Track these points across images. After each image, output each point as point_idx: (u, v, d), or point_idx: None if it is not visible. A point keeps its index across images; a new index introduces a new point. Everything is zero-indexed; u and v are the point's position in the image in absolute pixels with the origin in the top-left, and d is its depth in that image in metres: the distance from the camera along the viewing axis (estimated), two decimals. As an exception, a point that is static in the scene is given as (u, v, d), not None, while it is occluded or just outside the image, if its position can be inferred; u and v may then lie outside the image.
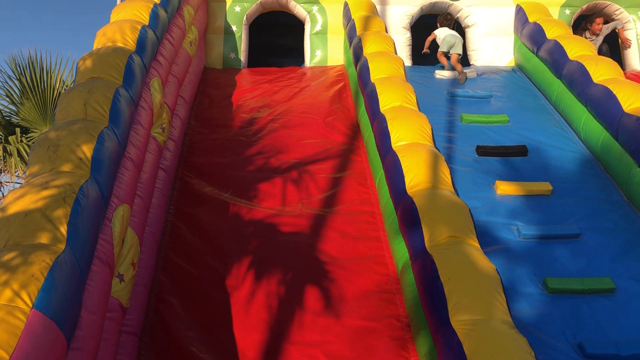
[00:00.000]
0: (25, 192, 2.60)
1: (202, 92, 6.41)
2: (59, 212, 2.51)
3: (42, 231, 2.41)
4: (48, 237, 2.40)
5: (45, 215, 2.48)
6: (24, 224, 2.44)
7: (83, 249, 2.57)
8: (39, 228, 2.42)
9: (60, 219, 2.49)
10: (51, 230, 2.43)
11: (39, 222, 2.45)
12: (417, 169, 4.06)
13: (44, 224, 2.45)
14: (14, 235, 2.40)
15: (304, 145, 5.39)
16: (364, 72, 5.54)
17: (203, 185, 4.92)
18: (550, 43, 6.21)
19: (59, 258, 2.32)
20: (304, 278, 3.92)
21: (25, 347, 1.91)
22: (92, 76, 3.77)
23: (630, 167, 4.76)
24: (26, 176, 2.91)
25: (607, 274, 4.06)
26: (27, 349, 1.91)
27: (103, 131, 3.22)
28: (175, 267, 4.06)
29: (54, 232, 2.44)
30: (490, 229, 4.44)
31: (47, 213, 2.49)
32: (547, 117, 5.91)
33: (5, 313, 1.96)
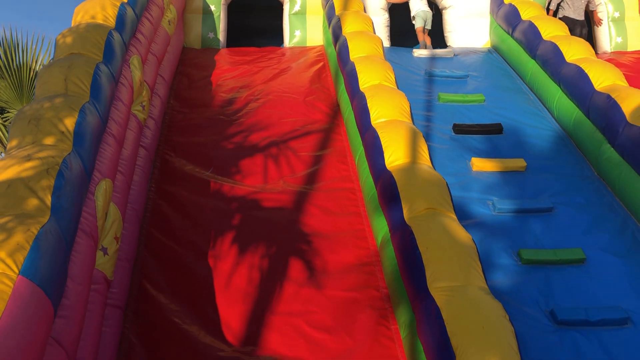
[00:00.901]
0: (8, 164, 2.61)
1: (181, 72, 6.39)
2: (43, 183, 2.54)
3: (26, 201, 2.44)
4: (32, 207, 2.43)
5: (28, 186, 2.50)
6: (7, 194, 2.46)
7: (67, 220, 2.60)
8: (23, 198, 2.45)
9: (44, 190, 2.52)
10: (35, 201, 2.46)
11: (23, 192, 2.47)
12: (396, 145, 4.15)
13: (28, 195, 2.47)
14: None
15: (284, 124, 5.44)
16: (344, 51, 5.59)
17: (184, 163, 4.94)
18: (524, 24, 6.33)
19: (44, 227, 2.35)
20: (286, 252, 3.99)
21: (13, 311, 1.95)
22: (71, 52, 3.76)
23: (600, 144, 4.92)
24: (7, 149, 2.92)
25: (578, 246, 4.21)
26: (15, 313, 1.95)
27: (84, 105, 3.23)
28: (158, 243, 4.10)
29: (38, 202, 2.46)
30: (466, 203, 4.55)
31: (30, 184, 2.51)
32: (521, 97, 6.04)
33: (-6, 278, 1.99)
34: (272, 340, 3.38)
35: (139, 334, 3.43)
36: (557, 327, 3.61)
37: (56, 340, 2.25)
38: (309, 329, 3.43)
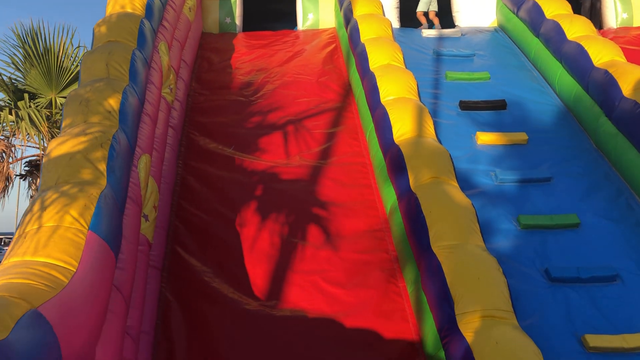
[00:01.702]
0: (66, 140, 3.03)
1: (201, 56, 6.76)
2: (98, 154, 2.95)
3: (86, 170, 2.85)
4: (91, 174, 2.85)
5: (86, 157, 2.92)
6: (69, 164, 2.88)
7: (119, 186, 3.02)
8: (83, 167, 2.86)
9: (99, 160, 2.93)
10: (93, 170, 2.87)
11: (82, 162, 2.89)
12: (403, 121, 4.51)
13: (87, 164, 2.88)
14: (62, 175, 2.84)
15: (299, 103, 5.80)
16: (354, 33, 5.92)
17: (208, 142, 5.34)
18: (529, 3, 6.60)
19: (103, 191, 2.77)
20: (304, 219, 4.40)
21: (88, 258, 2.38)
22: (109, 40, 4.16)
23: (598, 117, 5.23)
24: (62, 127, 3.33)
25: (573, 212, 4.56)
26: (89, 259, 2.38)
27: (125, 88, 3.63)
28: (188, 213, 4.52)
29: (95, 171, 2.88)
30: (471, 174, 4.92)
31: (88, 156, 2.93)
32: (525, 73, 6.35)
33: (71, 233, 2.41)
34: (293, 295, 3.80)
35: (174, 292, 3.86)
36: (551, 284, 3.99)
37: (116, 286, 2.68)
38: (326, 285, 3.84)
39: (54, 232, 2.43)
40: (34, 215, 2.50)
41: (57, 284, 2.14)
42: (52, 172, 2.86)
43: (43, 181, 2.90)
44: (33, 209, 2.55)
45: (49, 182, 2.85)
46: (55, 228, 2.46)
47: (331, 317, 3.66)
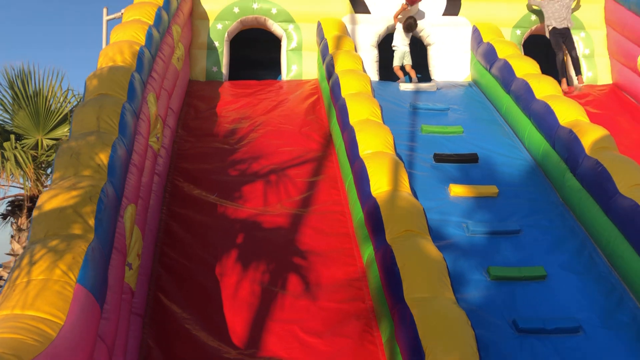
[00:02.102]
0: (57, 193, 3.18)
1: (188, 104, 6.99)
2: (87, 208, 3.10)
3: (75, 224, 3.00)
4: (80, 228, 2.99)
5: (76, 211, 3.07)
6: (59, 218, 3.03)
7: (106, 239, 3.16)
8: (72, 221, 3.01)
9: (88, 214, 3.08)
10: (82, 223, 3.02)
11: (72, 217, 3.03)
12: (380, 174, 4.74)
13: (76, 218, 3.03)
14: (52, 227, 2.98)
15: (282, 152, 6.02)
16: (336, 87, 6.21)
17: (192, 188, 5.51)
18: (500, 62, 6.98)
19: (91, 245, 2.91)
20: (284, 268, 4.55)
21: (75, 311, 2.50)
22: (100, 93, 4.35)
23: (564, 173, 5.53)
24: (53, 179, 3.48)
25: (540, 264, 4.79)
26: (76, 312, 2.51)
27: (115, 141, 3.80)
28: (170, 260, 4.65)
29: (84, 225, 3.02)
30: (443, 226, 5.14)
31: (77, 210, 3.08)
32: (497, 128, 6.67)
33: (59, 286, 2.55)
34: (271, 343, 3.92)
35: (155, 338, 3.96)
36: (518, 335, 4.17)
37: (100, 337, 2.80)
38: (303, 334, 3.97)
39: (43, 286, 2.57)
40: (23, 270, 2.63)
41: (45, 337, 2.27)
42: (41, 225, 3.01)
43: (33, 233, 3.03)
44: (22, 264, 2.68)
45: (38, 235, 2.99)
46: (44, 281, 2.59)
47: (308, 365, 3.79)
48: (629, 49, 7.83)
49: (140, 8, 5.93)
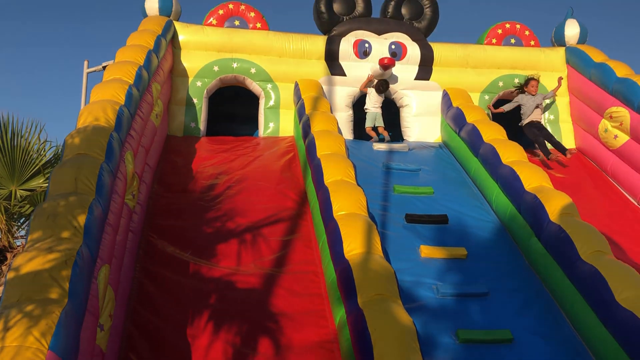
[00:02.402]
0: (34, 256, 3.21)
1: (164, 159, 7.06)
2: (63, 272, 3.13)
3: (51, 288, 3.02)
4: (55, 292, 3.01)
5: (51, 275, 3.09)
6: (34, 281, 3.05)
7: (80, 302, 3.18)
8: (48, 285, 3.03)
9: (63, 279, 3.11)
10: (57, 287, 3.04)
11: (47, 280, 3.06)
12: (353, 237, 4.86)
13: (51, 282, 3.05)
14: (26, 291, 3.00)
15: (257, 210, 6.11)
16: (312, 147, 6.39)
17: (166, 245, 5.53)
18: (469, 126, 7.29)
19: (64, 310, 2.93)
20: (256, 329, 4.57)
21: (47, 379, 2.52)
22: (79, 152, 4.42)
23: (530, 236, 5.73)
24: (29, 239, 3.50)
25: (507, 327, 4.90)
26: (48, 380, 2.52)
27: (92, 203, 3.86)
28: (143, 319, 4.63)
29: (59, 289, 3.05)
30: (414, 287, 5.24)
31: (53, 274, 3.10)
32: (466, 190, 6.89)
33: (31, 353, 2.56)
34: (242, 407, 3.91)
35: (126, 401, 3.92)
36: (486, 399, 4.24)
37: (70, 404, 2.79)
38: (275, 399, 3.97)
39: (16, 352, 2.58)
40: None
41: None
42: (16, 288, 3.02)
43: (5, 297, 3.04)
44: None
45: (11, 298, 3.00)
46: (17, 348, 2.61)
47: None
48: (589, 115, 8.27)
49: (122, 67, 6.08)
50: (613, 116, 7.72)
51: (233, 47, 8.02)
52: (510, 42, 8.93)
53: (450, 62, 8.49)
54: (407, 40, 8.42)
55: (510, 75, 8.67)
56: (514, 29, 8.98)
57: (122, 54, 6.55)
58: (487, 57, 8.62)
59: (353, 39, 8.28)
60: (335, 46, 8.20)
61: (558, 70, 8.80)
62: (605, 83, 7.93)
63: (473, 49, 8.62)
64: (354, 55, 8.24)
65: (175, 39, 7.98)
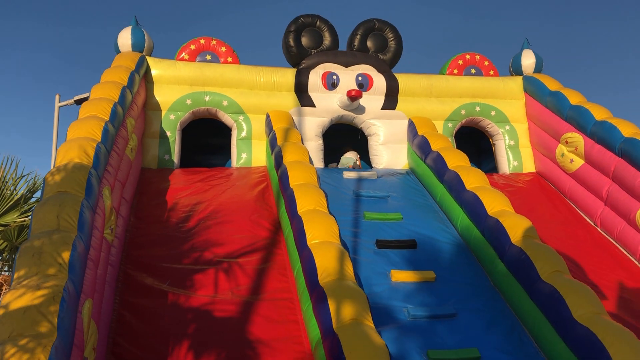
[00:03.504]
0: (23, 293, 3.34)
1: (140, 192, 7.19)
2: (51, 308, 3.27)
3: (41, 323, 3.16)
4: (45, 327, 3.15)
5: (40, 311, 3.23)
6: (24, 318, 3.18)
7: (67, 336, 3.31)
8: (38, 321, 3.17)
9: (52, 314, 3.25)
10: (46, 323, 3.18)
11: (37, 316, 3.19)
12: (327, 264, 5.08)
13: (41, 318, 3.19)
14: (17, 327, 3.13)
15: (232, 240, 6.28)
16: (284, 178, 6.62)
17: (144, 277, 5.65)
18: (434, 154, 7.64)
19: (54, 344, 3.07)
20: (235, 356, 4.73)
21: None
22: (59, 190, 4.56)
23: (493, 259, 6.04)
24: (15, 277, 3.62)
25: (475, 345, 5.16)
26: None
27: (75, 240, 4.00)
28: (123, 350, 4.75)
29: (48, 324, 3.18)
30: (387, 310, 5.47)
31: (42, 309, 3.24)
32: (433, 214, 7.20)
33: (26, 387, 2.70)
34: None
35: None
36: (456, 416, 4.47)
37: None
38: None
39: (11, 386, 2.70)
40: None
41: None
42: (6, 325, 3.15)
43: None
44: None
45: (3, 335, 3.12)
46: (12, 382, 2.73)
47: None
48: (547, 141, 8.73)
49: (97, 104, 6.25)
50: (568, 141, 8.19)
51: (205, 80, 8.26)
52: (471, 72, 9.39)
53: (414, 92, 8.89)
54: (373, 72, 8.79)
55: (472, 103, 9.11)
56: (474, 59, 9.45)
57: (97, 91, 6.71)
58: (449, 86, 9.04)
59: (321, 72, 8.60)
60: (304, 78, 8.51)
61: (516, 97, 9.29)
62: (560, 110, 8.42)
63: (436, 79, 9.05)
64: (322, 87, 8.57)
65: (148, 74, 8.18)
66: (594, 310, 4.91)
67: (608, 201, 7.46)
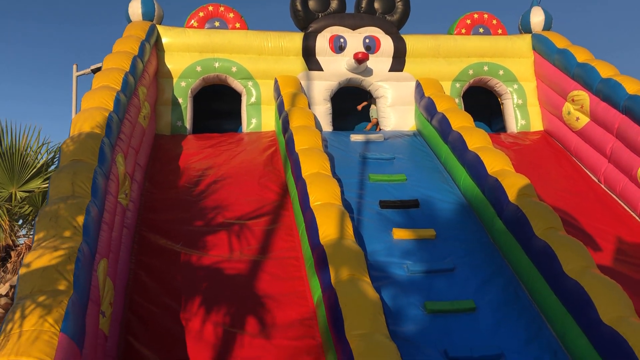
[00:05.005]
0: (42, 253, 3.69)
1: (153, 157, 7.51)
2: (67, 267, 3.61)
3: (58, 281, 3.51)
4: (62, 284, 3.49)
5: (58, 270, 3.58)
6: (43, 276, 3.53)
7: (83, 292, 3.66)
8: (55, 279, 3.51)
9: (68, 272, 3.59)
10: (63, 281, 3.53)
11: (55, 274, 3.54)
12: (328, 224, 5.36)
13: (58, 276, 3.54)
14: (37, 284, 3.48)
15: (242, 202, 6.58)
16: (290, 142, 6.86)
17: (158, 238, 6.01)
18: (439, 115, 7.76)
19: (71, 299, 3.42)
20: (243, 310, 5.08)
21: (60, 355, 3.01)
22: (74, 159, 4.88)
23: (493, 216, 6.24)
24: (35, 239, 3.97)
25: (471, 298, 5.43)
26: (61, 356, 3.01)
27: (89, 205, 4.32)
28: (139, 307, 5.13)
29: (65, 282, 3.53)
30: (387, 266, 5.76)
31: (59, 268, 3.58)
32: (437, 175, 7.39)
33: (48, 336, 3.05)
34: (232, 378, 4.43)
35: (128, 379, 4.43)
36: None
37: (80, 378, 3.29)
38: (260, 370, 4.49)
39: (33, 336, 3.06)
40: (16, 323, 3.13)
41: (37, 378, 2.77)
42: (28, 283, 3.50)
43: (20, 290, 3.52)
44: (15, 317, 3.18)
45: (24, 291, 3.48)
46: (33, 332, 3.09)
47: (263, 398, 4.30)
48: (554, 99, 8.76)
49: (109, 74, 6.51)
50: (575, 99, 8.22)
51: (214, 47, 8.44)
52: (479, 31, 9.38)
53: (422, 53, 8.94)
54: (380, 34, 8.86)
55: (479, 63, 9.13)
56: (482, 18, 9.42)
57: (108, 61, 6.97)
58: (457, 46, 9.07)
59: (329, 35, 8.70)
60: (311, 42, 8.63)
61: (525, 56, 9.27)
62: (567, 68, 8.42)
63: (443, 40, 9.07)
64: (330, 50, 8.68)
65: (159, 42, 8.39)
66: (584, 265, 5.10)
67: (612, 158, 7.53)
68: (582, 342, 4.72)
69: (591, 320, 4.64)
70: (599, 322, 4.56)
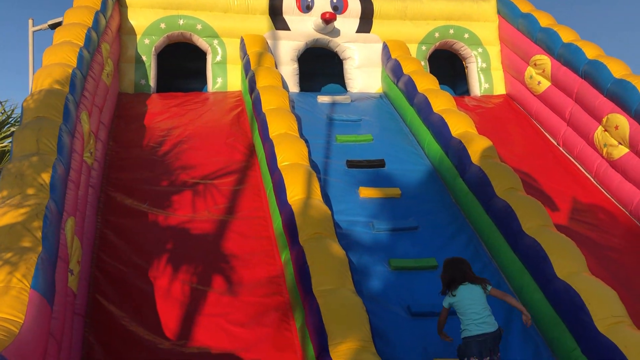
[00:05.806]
0: (7, 211, 3.63)
1: (117, 116, 7.38)
2: (35, 224, 3.58)
3: (25, 237, 3.48)
4: (29, 241, 3.47)
5: (25, 227, 3.54)
6: (10, 233, 3.49)
7: (52, 249, 3.65)
8: (22, 236, 3.48)
9: (36, 229, 3.56)
10: (31, 237, 3.50)
11: (22, 231, 3.50)
12: (295, 184, 5.42)
13: (25, 233, 3.50)
14: (4, 242, 3.44)
15: (208, 163, 6.57)
16: (257, 103, 6.83)
17: (124, 198, 5.97)
18: (405, 77, 7.82)
19: (40, 256, 3.40)
20: (210, 270, 5.14)
21: (31, 312, 3.01)
22: (37, 115, 4.76)
23: (455, 177, 6.41)
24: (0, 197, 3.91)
25: (433, 256, 5.61)
26: (33, 313, 3.02)
27: (55, 162, 4.26)
28: (107, 265, 5.14)
29: (33, 239, 3.50)
30: (353, 224, 5.88)
31: (26, 225, 3.55)
32: (402, 137, 7.50)
33: (16, 292, 3.04)
34: (200, 334, 4.52)
35: (96, 335, 4.48)
36: (412, 318, 4.96)
37: (52, 334, 3.31)
38: (228, 325, 4.59)
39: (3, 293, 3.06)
40: (-16, 279, 3.11)
41: (10, 333, 2.78)
42: (-6, 240, 3.46)
43: (-15, 247, 3.48)
44: (-18, 273, 3.15)
45: (-8, 249, 3.44)
46: (4, 289, 3.09)
47: (233, 352, 4.41)
48: (517, 63, 8.92)
49: (71, 29, 6.31)
50: (537, 63, 8.38)
51: (179, 4, 8.23)
52: (446, -7, 9.37)
53: (389, 15, 8.92)
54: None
55: (445, 26, 9.17)
56: (450, -19, 9.40)
57: (70, 16, 6.74)
58: (423, 9, 9.07)
59: (296, -7, 8.57)
60: (278, 1, 8.50)
61: (490, 20, 9.35)
62: (530, 32, 8.55)
63: (410, 2, 9.05)
64: (297, 9, 8.57)
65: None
66: (542, 223, 5.33)
67: (570, 122, 7.78)
68: (537, 297, 4.97)
69: (547, 275, 4.87)
70: (554, 276, 4.80)
